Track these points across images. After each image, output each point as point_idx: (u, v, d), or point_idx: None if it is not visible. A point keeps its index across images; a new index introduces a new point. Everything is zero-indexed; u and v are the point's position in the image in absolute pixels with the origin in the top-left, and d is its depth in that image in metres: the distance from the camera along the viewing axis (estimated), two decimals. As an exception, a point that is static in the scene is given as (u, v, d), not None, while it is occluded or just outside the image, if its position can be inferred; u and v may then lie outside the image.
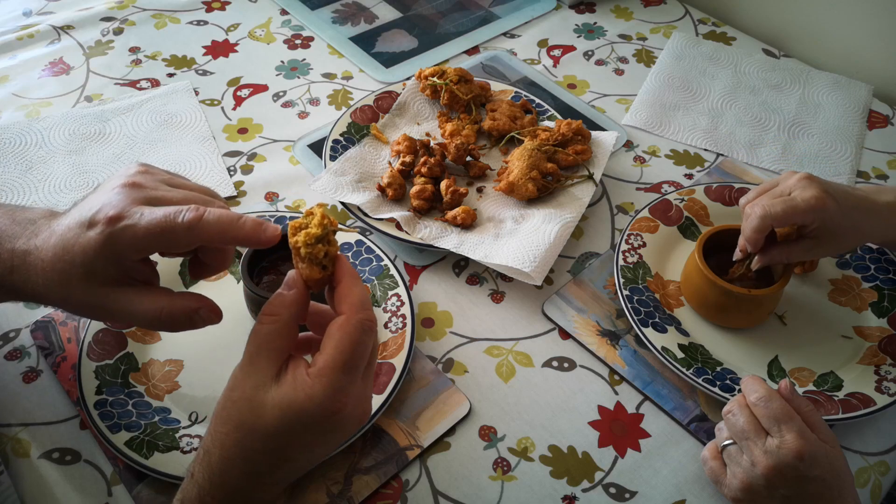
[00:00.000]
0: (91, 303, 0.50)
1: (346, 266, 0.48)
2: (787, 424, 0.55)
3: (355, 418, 0.47)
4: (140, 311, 0.50)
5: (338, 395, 0.44)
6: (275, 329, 0.46)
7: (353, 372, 0.45)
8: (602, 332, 0.73)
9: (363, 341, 0.45)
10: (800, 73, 1.05)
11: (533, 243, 0.75)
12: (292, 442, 0.45)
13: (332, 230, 0.48)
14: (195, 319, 0.51)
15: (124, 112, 0.95)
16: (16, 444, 0.63)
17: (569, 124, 0.86)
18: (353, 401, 0.46)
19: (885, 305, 0.74)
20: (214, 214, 0.48)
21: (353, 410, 0.46)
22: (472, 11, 1.16)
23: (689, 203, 0.82)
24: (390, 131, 0.92)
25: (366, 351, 0.46)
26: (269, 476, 0.46)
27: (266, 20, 1.12)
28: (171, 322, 0.50)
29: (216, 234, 0.48)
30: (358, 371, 0.46)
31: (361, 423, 0.48)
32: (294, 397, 0.44)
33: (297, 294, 0.47)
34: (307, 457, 0.48)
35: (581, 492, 0.62)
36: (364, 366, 0.46)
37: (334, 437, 0.47)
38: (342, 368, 0.45)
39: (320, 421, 0.44)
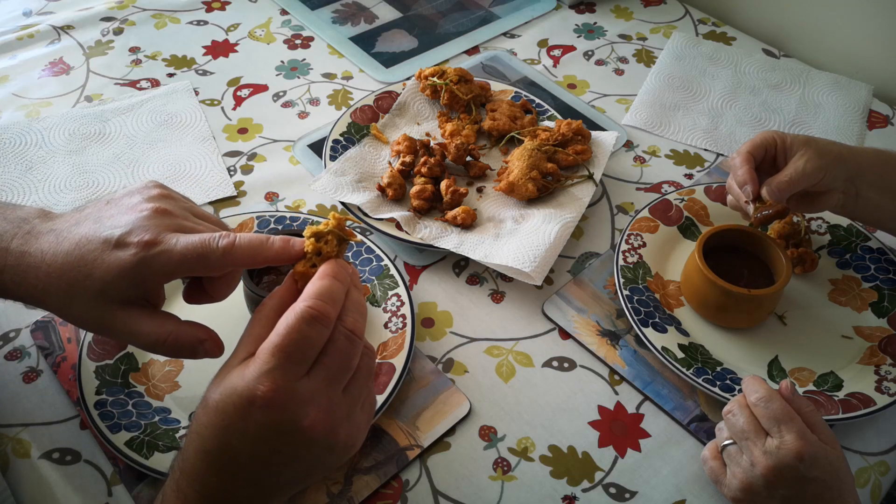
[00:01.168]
0: (94, 318, 0.49)
1: (329, 265, 0.47)
2: (787, 425, 0.55)
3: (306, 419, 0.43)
4: (145, 333, 0.49)
5: (262, 378, 0.42)
6: (254, 318, 0.46)
7: (284, 357, 0.43)
8: (602, 332, 0.73)
9: (300, 328, 0.43)
10: (800, 73, 1.05)
11: (533, 243, 0.75)
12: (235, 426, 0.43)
13: (341, 235, 0.48)
14: (198, 350, 0.50)
15: (124, 112, 0.95)
16: (16, 444, 0.63)
17: (569, 124, 0.86)
18: (289, 394, 0.43)
19: (885, 305, 0.74)
20: (245, 239, 0.49)
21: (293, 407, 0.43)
22: (472, 11, 1.16)
23: (689, 203, 0.82)
24: (390, 131, 0.92)
25: (305, 340, 0.43)
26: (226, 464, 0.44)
27: (266, 20, 1.12)
28: (175, 348, 0.49)
29: (248, 257, 0.49)
30: (292, 359, 0.43)
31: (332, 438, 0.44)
32: (235, 379, 0.43)
33: (283, 288, 0.47)
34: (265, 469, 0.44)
35: (581, 492, 0.62)
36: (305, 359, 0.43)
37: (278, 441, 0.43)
38: (270, 350, 0.43)
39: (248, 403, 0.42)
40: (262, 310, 0.47)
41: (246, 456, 0.44)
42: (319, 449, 0.45)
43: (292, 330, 0.43)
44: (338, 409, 0.45)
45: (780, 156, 0.69)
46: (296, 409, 0.43)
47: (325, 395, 0.44)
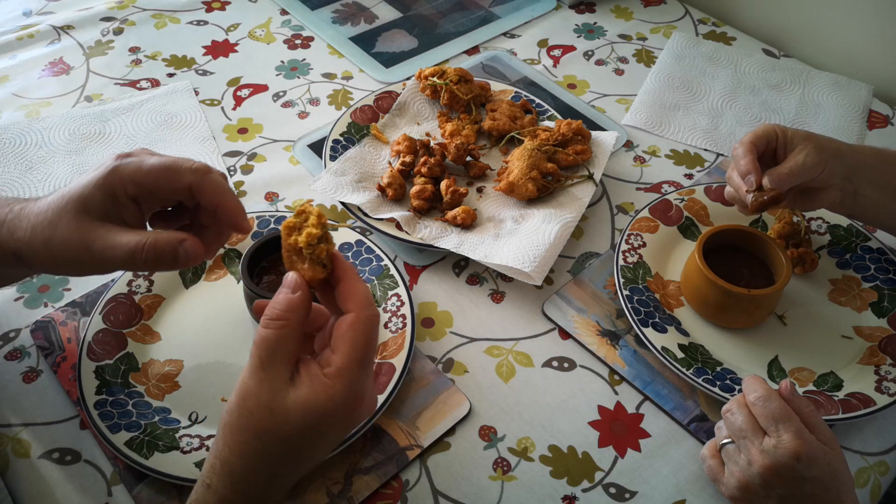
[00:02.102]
0: (74, 240, 0.50)
1: (345, 263, 0.48)
2: (784, 424, 0.55)
3: (368, 411, 0.49)
4: (122, 244, 0.50)
5: (356, 393, 0.46)
6: (285, 334, 0.46)
7: (367, 367, 0.46)
8: (602, 332, 0.73)
9: (372, 336, 0.46)
10: (800, 73, 1.05)
11: (533, 243, 0.75)
12: (315, 443, 0.46)
13: (330, 228, 0.48)
14: (178, 253, 0.50)
15: (124, 112, 0.95)
16: (16, 444, 0.63)
17: (569, 124, 0.86)
18: (369, 396, 0.48)
19: (885, 305, 0.74)
20: (217, 174, 0.52)
21: (366, 404, 0.48)
22: (472, 11, 1.16)
23: (689, 203, 0.82)
24: (390, 131, 0.92)
25: (375, 345, 0.47)
26: (289, 477, 0.47)
27: (266, 20, 1.12)
28: (154, 256, 0.49)
29: (212, 189, 0.52)
30: (370, 365, 0.47)
31: (370, 414, 0.52)
32: (315, 399, 0.44)
33: (303, 297, 0.47)
34: (323, 453, 0.49)
35: (581, 492, 0.62)
36: (374, 359, 0.49)
37: (347, 432, 0.49)
38: (359, 366, 0.45)
39: (342, 419, 0.46)
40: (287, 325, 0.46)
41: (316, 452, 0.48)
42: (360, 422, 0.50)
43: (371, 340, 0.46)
44: (370, 384, 0.49)
45: (781, 149, 0.69)
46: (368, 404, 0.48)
47: (368, 380, 0.48)
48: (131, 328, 0.70)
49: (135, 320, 0.70)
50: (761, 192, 0.67)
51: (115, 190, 0.51)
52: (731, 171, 0.70)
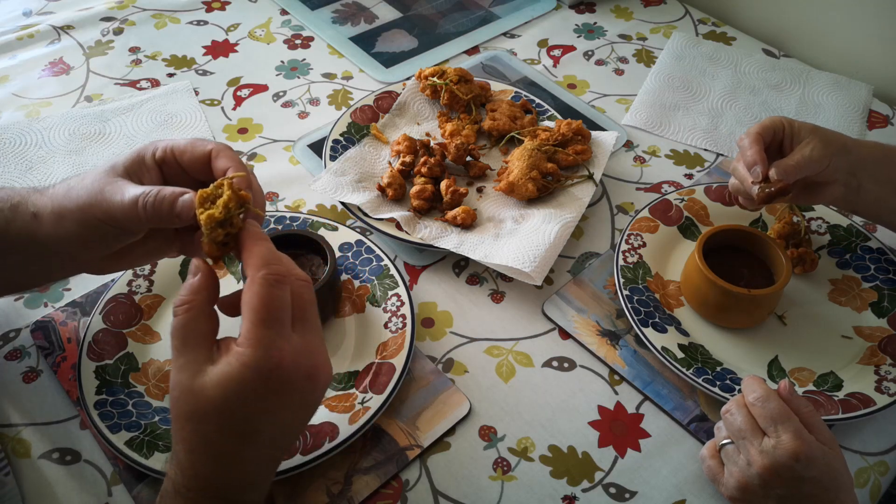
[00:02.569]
0: (92, 187, 0.53)
1: (250, 230, 0.48)
2: (783, 425, 0.55)
3: (304, 372, 0.46)
4: (129, 192, 0.51)
5: (268, 353, 0.44)
6: (192, 316, 0.46)
7: (275, 325, 0.45)
8: (602, 332, 0.73)
9: (273, 294, 0.45)
10: (800, 73, 1.05)
11: (533, 243, 0.75)
12: (246, 413, 0.45)
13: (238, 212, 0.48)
14: (177, 204, 0.50)
15: (124, 112, 0.95)
16: (16, 444, 0.63)
17: (569, 124, 0.86)
18: (290, 354, 0.45)
19: (885, 305, 0.74)
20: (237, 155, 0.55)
21: (296, 363, 0.46)
22: (472, 11, 1.16)
23: (689, 203, 0.82)
24: (390, 131, 0.92)
25: (281, 303, 0.46)
26: (237, 455, 0.46)
27: (266, 20, 1.12)
28: (154, 203, 0.50)
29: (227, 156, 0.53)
30: (281, 323, 0.46)
31: (318, 379, 0.47)
32: (230, 371, 0.44)
33: (203, 277, 0.48)
34: (273, 425, 0.47)
35: (581, 492, 0.62)
36: (287, 317, 0.46)
37: (291, 398, 0.46)
38: (262, 324, 0.45)
39: (262, 382, 0.44)
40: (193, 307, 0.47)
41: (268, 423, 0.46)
42: (322, 387, 0.49)
43: (266, 297, 0.45)
44: (321, 346, 0.49)
45: (787, 140, 0.69)
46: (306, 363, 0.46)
47: (317, 343, 0.48)
48: (131, 328, 0.70)
49: (135, 320, 0.70)
50: (767, 184, 0.66)
51: (145, 152, 0.55)
52: (737, 163, 0.70)
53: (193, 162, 0.55)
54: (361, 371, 0.67)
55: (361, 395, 0.65)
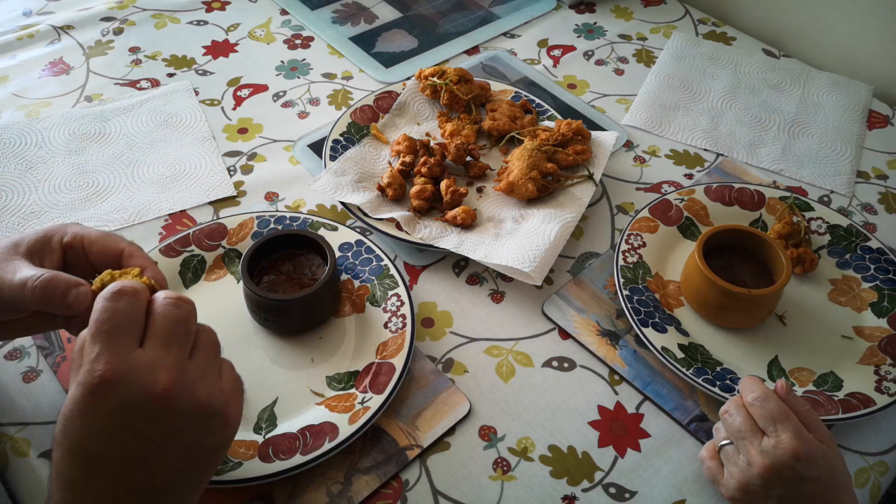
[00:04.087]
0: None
1: None
2: (783, 424, 0.55)
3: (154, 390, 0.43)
4: (20, 274, 0.51)
5: (93, 364, 0.42)
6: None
7: (105, 337, 0.43)
8: (602, 332, 0.73)
9: (106, 307, 0.44)
10: (800, 73, 1.05)
11: (533, 243, 0.75)
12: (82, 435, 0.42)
13: None
14: (69, 294, 0.50)
15: (124, 112, 0.95)
16: (15, 443, 0.63)
17: (569, 124, 0.86)
18: (123, 367, 0.42)
19: (884, 305, 0.74)
20: None
21: (133, 378, 0.43)
22: (472, 11, 1.16)
23: (689, 203, 0.82)
24: (390, 131, 0.92)
25: (117, 315, 0.44)
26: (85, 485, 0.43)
27: (266, 20, 1.12)
28: (43, 288, 0.49)
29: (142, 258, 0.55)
30: (114, 336, 0.43)
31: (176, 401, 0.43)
32: (70, 392, 0.44)
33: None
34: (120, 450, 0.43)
35: (581, 492, 0.62)
36: (123, 331, 0.44)
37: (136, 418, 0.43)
38: (89, 340, 0.43)
39: (90, 398, 0.42)
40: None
41: (109, 449, 0.43)
42: (188, 416, 0.44)
43: (99, 311, 0.44)
44: (189, 371, 0.45)
45: None
46: (141, 377, 0.43)
47: (169, 358, 0.44)
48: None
49: (135, 320, 0.70)
50: None
51: (53, 235, 0.55)
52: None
53: (102, 256, 0.55)
54: (361, 371, 0.67)
55: (361, 394, 0.65)
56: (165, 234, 0.80)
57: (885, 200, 0.88)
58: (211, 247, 0.76)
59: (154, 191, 0.85)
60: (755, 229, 0.74)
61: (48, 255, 0.55)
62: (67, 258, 0.56)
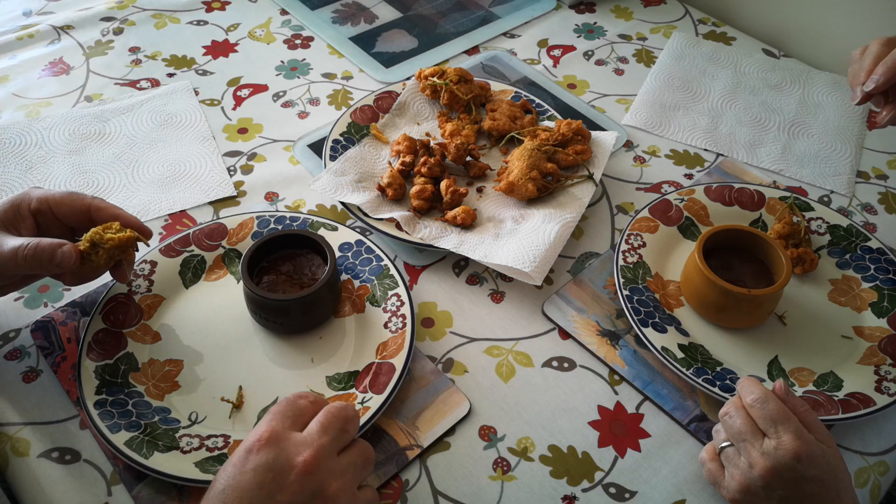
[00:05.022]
0: None
1: None
2: (783, 425, 0.55)
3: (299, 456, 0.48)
4: (8, 244, 0.59)
5: (258, 429, 0.50)
6: None
7: (276, 416, 0.51)
8: (602, 332, 0.73)
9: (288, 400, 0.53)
10: (800, 73, 1.05)
11: (533, 243, 0.75)
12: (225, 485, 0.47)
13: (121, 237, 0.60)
14: (56, 255, 0.58)
15: (124, 112, 0.95)
16: (16, 443, 0.63)
17: (569, 124, 0.86)
18: (284, 438, 0.49)
19: (884, 305, 0.74)
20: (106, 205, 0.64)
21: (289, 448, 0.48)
22: (472, 11, 1.16)
23: (689, 203, 0.82)
24: (390, 131, 0.92)
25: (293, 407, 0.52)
26: None
27: (266, 20, 1.12)
28: (34, 254, 0.58)
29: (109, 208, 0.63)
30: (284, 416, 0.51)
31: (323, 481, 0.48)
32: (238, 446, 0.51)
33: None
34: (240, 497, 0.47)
35: (581, 492, 0.62)
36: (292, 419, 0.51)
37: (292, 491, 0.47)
38: (267, 416, 0.51)
39: (247, 450, 0.48)
40: None
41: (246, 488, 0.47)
42: (316, 498, 0.48)
43: (282, 401, 0.52)
44: (332, 460, 0.49)
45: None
46: (291, 447, 0.48)
47: (319, 441, 0.49)
48: (131, 328, 0.70)
49: (135, 320, 0.70)
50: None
51: (21, 203, 0.62)
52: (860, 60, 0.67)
53: (70, 215, 0.63)
54: (361, 371, 0.67)
55: (361, 395, 0.65)
56: (165, 234, 0.80)
57: (885, 200, 0.88)
58: (211, 247, 0.76)
59: (154, 191, 0.85)
60: (755, 229, 0.74)
61: (22, 223, 0.62)
62: (39, 222, 0.63)
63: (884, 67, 0.65)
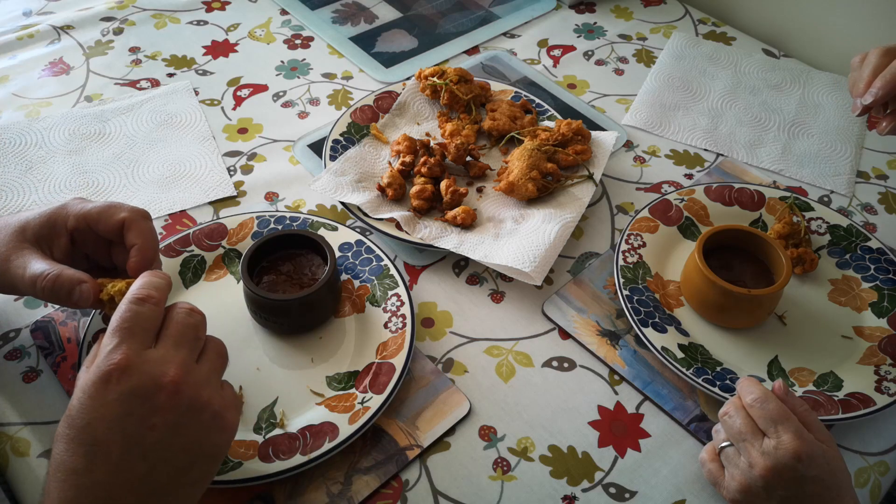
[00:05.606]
0: (4, 252, 0.57)
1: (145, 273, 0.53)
2: (783, 425, 0.55)
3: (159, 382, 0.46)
4: (31, 267, 0.56)
5: (110, 355, 0.46)
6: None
7: (124, 333, 0.47)
8: (602, 332, 0.73)
9: (130, 308, 0.48)
10: (800, 73, 1.05)
11: (533, 243, 0.75)
12: (88, 420, 0.45)
13: None
14: (74, 292, 0.56)
15: (124, 112, 0.95)
16: (16, 443, 0.63)
17: (569, 124, 0.86)
18: (142, 360, 0.46)
19: (884, 305, 0.74)
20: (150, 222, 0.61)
21: (143, 371, 0.46)
22: (472, 11, 1.16)
23: (689, 203, 0.82)
24: (390, 131, 0.92)
25: (139, 317, 0.48)
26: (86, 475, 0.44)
27: (266, 20, 1.12)
28: (52, 287, 0.55)
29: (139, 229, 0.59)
30: (132, 334, 0.47)
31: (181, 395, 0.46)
32: (83, 377, 0.47)
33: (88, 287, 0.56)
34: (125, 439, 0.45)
35: (581, 492, 0.62)
36: (142, 330, 0.48)
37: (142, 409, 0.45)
38: (109, 334, 0.47)
39: (104, 381, 0.45)
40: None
41: (114, 435, 0.45)
42: (190, 412, 0.47)
43: (124, 311, 0.48)
44: (195, 371, 0.49)
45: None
46: (152, 369, 0.46)
47: (178, 357, 0.48)
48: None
49: (135, 320, 0.70)
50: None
51: (58, 219, 0.59)
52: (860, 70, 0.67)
53: (107, 232, 0.59)
54: (361, 371, 0.67)
55: (361, 395, 0.65)
56: (165, 234, 0.80)
57: (885, 200, 0.88)
58: (211, 247, 0.76)
59: (154, 191, 0.85)
60: (755, 229, 0.74)
61: (56, 241, 0.59)
62: (75, 238, 0.60)
63: (882, 81, 0.65)
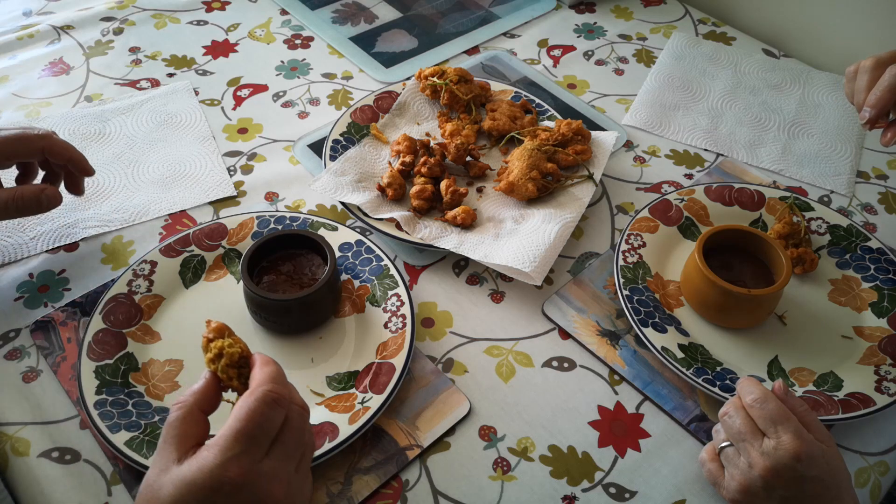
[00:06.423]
0: None
1: (259, 357, 0.50)
2: (783, 425, 0.55)
3: (259, 496, 0.45)
4: None
5: (229, 464, 0.44)
6: (179, 416, 0.47)
7: (249, 441, 0.45)
8: (602, 332, 0.73)
9: (263, 412, 0.46)
10: (800, 73, 1.05)
11: (533, 243, 0.75)
12: None
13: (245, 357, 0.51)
14: (41, 199, 0.69)
15: (124, 112, 0.95)
16: (15, 443, 0.63)
17: (569, 124, 0.86)
18: (251, 474, 0.45)
19: (884, 305, 0.74)
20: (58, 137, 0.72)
21: (252, 483, 0.45)
22: (472, 11, 1.16)
23: (689, 203, 0.82)
24: (390, 131, 0.92)
25: (268, 423, 0.46)
26: None
27: (266, 20, 1.12)
28: (22, 203, 0.68)
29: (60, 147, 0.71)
30: (256, 443, 0.45)
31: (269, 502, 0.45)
32: (188, 471, 0.44)
33: (205, 384, 0.49)
34: None
35: (581, 492, 0.62)
36: (266, 440, 0.46)
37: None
38: (234, 436, 0.45)
39: (214, 490, 0.44)
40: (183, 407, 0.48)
41: None
42: None
43: (256, 414, 0.46)
44: (294, 485, 0.48)
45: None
46: (262, 487, 0.45)
47: (285, 472, 0.47)
48: (131, 328, 0.70)
49: (135, 320, 0.70)
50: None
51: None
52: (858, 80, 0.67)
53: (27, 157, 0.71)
54: (361, 371, 0.67)
55: (361, 395, 0.65)
56: (165, 234, 0.80)
57: (885, 200, 0.88)
58: (211, 247, 0.76)
59: (154, 191, 0.85)
60: (755, 229, 0.74)
61: None
62: None
63: (874, 97, 0.65)
